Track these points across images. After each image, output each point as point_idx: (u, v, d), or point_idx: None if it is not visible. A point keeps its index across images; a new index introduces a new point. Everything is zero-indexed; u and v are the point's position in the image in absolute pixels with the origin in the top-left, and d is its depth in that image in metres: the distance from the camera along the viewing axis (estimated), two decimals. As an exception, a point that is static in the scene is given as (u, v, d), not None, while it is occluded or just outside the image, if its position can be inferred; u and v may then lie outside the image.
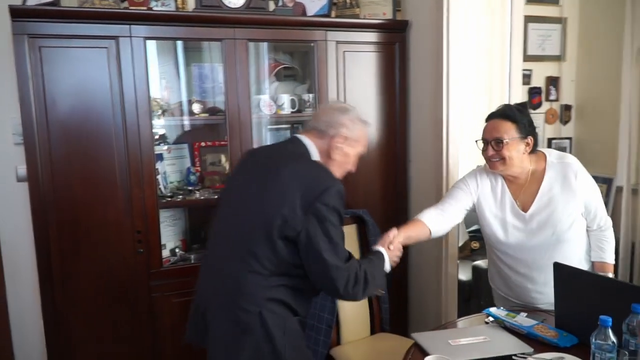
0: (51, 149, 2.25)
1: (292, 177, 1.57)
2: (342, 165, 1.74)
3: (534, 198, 1.97)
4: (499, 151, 1.92)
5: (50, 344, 2.35)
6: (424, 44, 2.67)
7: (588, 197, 1.97)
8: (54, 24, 2.21)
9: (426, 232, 2.02)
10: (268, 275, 1.57)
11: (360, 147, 1.76)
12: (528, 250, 1.99)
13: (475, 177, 2.09)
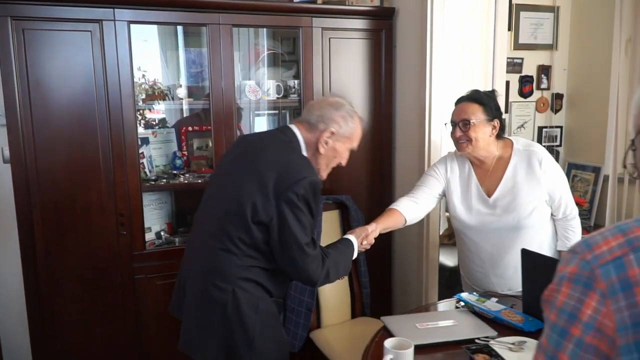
0: (34, 131, 2.28)
1: (269, 165, 1.61)
2: (330, 159, 1.78)
3: (498, 183, 2.01)
4: (466, 132, 1.97)
5: (33, 325, 2.40)
6: (409, 31, 2.67)
7: (552, 185, 1.99)
8: (38, 7, 2.22)
9: (402, 220, 2.11)
10: (242, 256, 1.61)
11: (351, 143, 1.80)
12: (490, 233, 2.04)
13: (445, 162, 2.14)
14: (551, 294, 0.77)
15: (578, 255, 0.75)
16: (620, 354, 0.67)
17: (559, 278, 0.76)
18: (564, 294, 0.74)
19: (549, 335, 0.75)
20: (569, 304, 0.73)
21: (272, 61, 2.97)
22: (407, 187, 2.78)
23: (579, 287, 0.72)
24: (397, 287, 3.00)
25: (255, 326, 1.62)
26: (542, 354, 0.76)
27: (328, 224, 2.60)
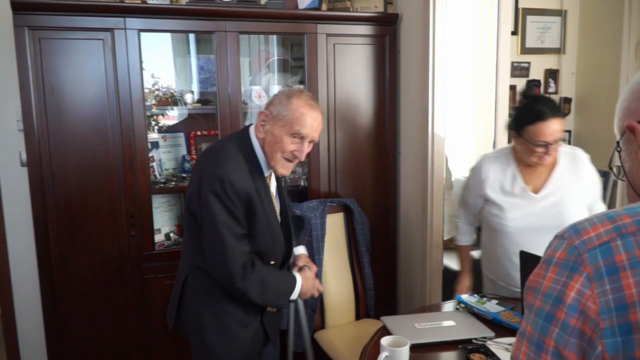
0: (49, 136, 2.37)
1: (206, 161, 1.71)
2: (272, 146, 1.67)
3: (545, 182, 2.02)
4: (555, 149, 1.93)
5: (48, 322, 2.48)
6: (413, 37, 2.71)
7: (594, 189, 2.05)
8: (53, 17, 2.31)
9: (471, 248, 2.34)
10: (194, 244, 1.74)
11: (292, 127, 1.64)
12: (533, 232, 1.98)
13: (480, 171, 2.12)
14: (536, 280, 0.76)
15: (566, 240, 0.75)
16: (604, 336, 0.68)
17: (545, 263, 0.76)
18: (549, 279, 0.74)
19: (534, 321, 0.75)
20: (555, 289, 0.73)
21: (282, 67, 3.03)
22: (412, 191, 2.82)
23: (566, 271, 0.72)
24: (402, 288, 3.03)
25: (201, 313, 1.75)
26: (526, 342, 0.75)
27: (333, 227, 2.65)
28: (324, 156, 2.78)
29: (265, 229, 1.72)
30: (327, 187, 2.80)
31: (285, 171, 1.72)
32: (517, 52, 3.35)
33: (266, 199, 1.72)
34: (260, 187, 1.70)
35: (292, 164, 1.73)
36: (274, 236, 1.77)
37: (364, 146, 2.86)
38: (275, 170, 1.71)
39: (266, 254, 1.76)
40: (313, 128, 1.67)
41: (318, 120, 1.69)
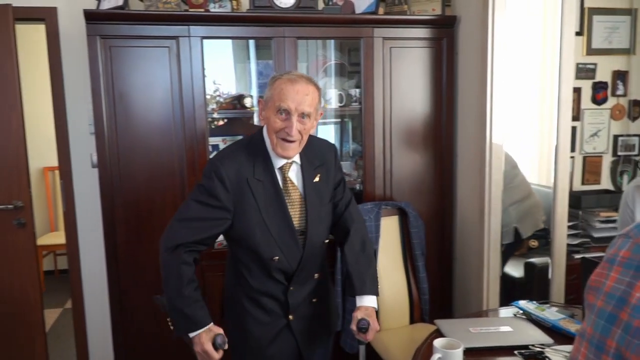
0: (118, 139, 2.51)
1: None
2: (268, 129, 1.66)
3: None
4: None
5: (115, 316, 2.63)
6: (471, 38, 2.68)
7: None
8: (123, 26, 2.45)
9: None
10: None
11: (274, 103, 1.61)
12: None
13: (626, 199, 2.10)
14: (599, 279, 0.73)
15: (631, 239, 0.72)
16: None
17: (608, 262, 0.73)
18: (612, 279, 0.71)
19: (595, 322, 0.72)
20: (618, 289, 0.69)
21: (339, 71, 3.06)
22: (468, 196, 2.78)
23: (631, 271, 0.69)
24: (457, 294, 2.97)
25: (226, 304, 1.85)
26: (586, 343, 0.73)
27: (387, 230, 2.65)
28: (379, 159, 2.78)
29: (257, 218, 1.66)
30: (382, 190, 2.81)
31: (284, 152, 1.65)
32: (582, 53, 3.24)
33: (269, 190, 1.68)
34: (263, 177, 1.67)
35: (291, 145, 1.63)
36: (275, 230, 1.68)
37: (420, 149, 2.84)
38: (277, 153, 1.66)
39: (262, 247, 1.68)
40: (296, 100, 1.60)
41: (301, 93, 1.60)
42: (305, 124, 1.63)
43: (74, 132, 2.89)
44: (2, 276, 2.83)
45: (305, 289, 1.79)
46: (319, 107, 1.70)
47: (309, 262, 1.76)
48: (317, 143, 1.83)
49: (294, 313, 1.77)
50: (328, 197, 1.80)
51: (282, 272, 1.72)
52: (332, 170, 1.82)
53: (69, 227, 2.95)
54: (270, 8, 2.60)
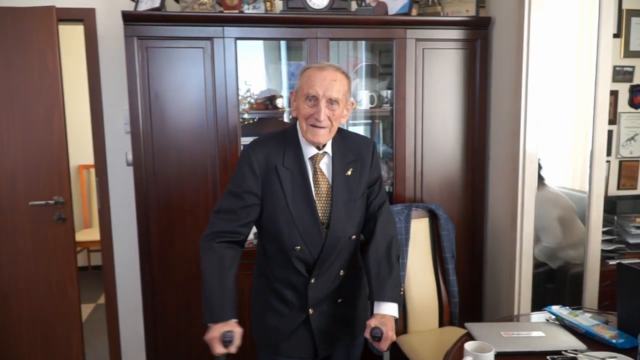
0: (153, 138, 2.56)
1: None
2: (299, 117, 1.69)
3: None
4: None
5: (147, 311, 2.68)
6: (506, 40, 2.65)
7: None
8: (159, 27, 2.51)
9: None
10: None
11: (303, 90, 1.65)
12: None
13: None
14: None
15: None
16: None
17: None
18: None
19: None
20: None
21: (370, 72, 3.07)
22: (501, 198, 2.75)
23: None
24: (488, 297, 2.94)
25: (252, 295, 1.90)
26: None
27: (417, 232, 2.64)
28: (410, 160, 2.77)
29: (282, 206, 1.68)
30: (412, 191, 2.80)
31: (314, 137, 1.66)
32: (620, 55, 3.16)
33: (298, 179, 1.69)
34: (292, 165, 1.69)
35: (320, 130, 1.65)
36: (299, 219, 1.68)
37: (451, 151, 2.82)
38: (307, 139, 1.67)
39: (285, 235, 1.69)
40: (324, 86, 1.62)
41: (329, 79, 1.63)
42: (334, 110, 1.64)
43: (110, 131, 2.96)
44: (42, 270, 2.92)
45: (327, 284, 1.76)
46: (348, 96, 1.70)
47: (331, 256, 1.73)
48: (354, 138, 1.83)
49: (314, 308, 1.75)
50: (359, 193, 1.77)
51: (304, 263, 1.71)
52: (368, 167, 1.80)
53: (103, 224, 3.03)
54: (304, 9, 2.62)
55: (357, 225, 1.79)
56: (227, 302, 1.63)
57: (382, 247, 1.78)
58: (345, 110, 1.70)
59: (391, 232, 1.83)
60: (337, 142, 1.75)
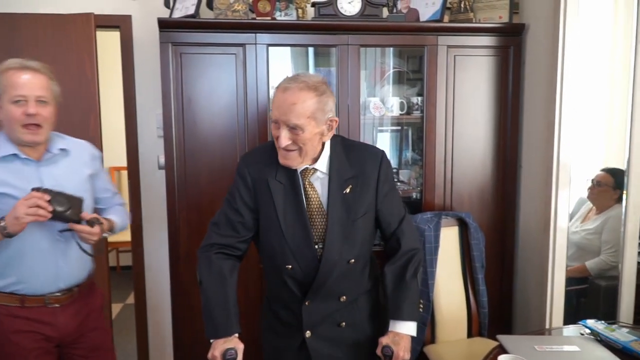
0: (184, 142, 2.60)
1: None
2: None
3: None
4: None
5: (176, 313, 2.71)
6: (540, 47, 2.61)
7: None
8: (193, 34, 2.55)
9: None
10: None
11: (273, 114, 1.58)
12: None
13: None
14: None
15: None
16: None
17: None
18: None
19: None
20: None
21: (397, 79, 3.06)
22: (532, 207, 2.70)
23: None
24: (518, 309, 2.89)
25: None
26: None
27: (447, 241, 2.61)
28: (440, 168, 2.75)
29: (273, 220, 1.62)
30: (441, 199, 2.77)
31: (285, 161, 1.59)
32: (658, 62, 3.08)
33: (290, 194, 1.62)
34: (284, 179, 1.63)
35: (289, 154, 1.57)
36: (290, 236, 1.62)
37: (482, 159, 2.79)
38: (280, 162, 1.61)
39: (277, 252, 1.64)
40: (281, 110, 1.52)
41: (288, 102, 1.51)
42: (298, 134, 1.53)
43: (143, 134, 3.02)
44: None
45: (325, 308, 1.67)
46: (320, 115, 1.54)
47: (327, 280, 1.63)
48: (360, 151, 1.71)
49: (311, 330, 1.67)
50: (360, 212, 1.65)
51: (297, 282, 1.65)
52: (373, 183, 1.67)
53: (134, 226, 3.08)
54: (335, 16, 2.63)
55: (359, 248, 1.67)
56: (228, 315, 1.60)
57: (400, 264, 1.69)
58: (322, 129, 1.57)
59: (413, 246, 1.72)
60: (337, 156, 1.65)
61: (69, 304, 1.86)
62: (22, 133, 1.73)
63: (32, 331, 1.80)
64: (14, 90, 1.71)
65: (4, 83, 1.72)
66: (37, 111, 1.72)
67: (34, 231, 1.74)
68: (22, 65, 1.75)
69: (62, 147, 1.87)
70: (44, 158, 1.82)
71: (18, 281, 1.77)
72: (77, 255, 1.86)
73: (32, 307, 1.79)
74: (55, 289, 1.82)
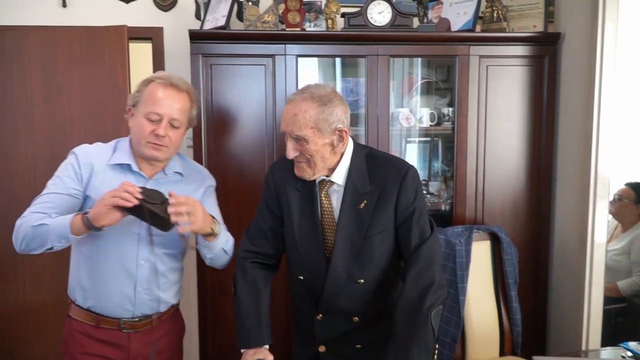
0: (215, 152, 2.61)
1: None
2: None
3: None
4: None
5: (202, 317, 2.71)
6: (576, 57, 2.54)
7: None
8: (223, 45, 2.56)
9: None
10: None
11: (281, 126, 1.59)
12: None
13: None
14: None
15: None
16: None
17: None
18: None
19: None
20: None
21: (425, 89, 3.01)
22: (568, 222, 2.61)
23: None
24: (552, 328, 2.78)
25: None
26: None
27: (478, 256, 2.54)
28: (471, 180, 2.69)
29: (289, 227, 1.64)
30: (472, 212, 2.71)
31: (297, 172, 1.60)
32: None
33: (307, 204, 1.61)
34: (302, 189, 1.62)
35: (299, 165, 1.58)
36: (302, 247, 1.61)
37: (515, 171, 2.72)
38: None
39: (292, 261, 1.69)
40: (285, 121, 1.54)
41: (290, 113, 1.52)
42: (303, 145, 1.52)
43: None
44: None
45: (338, 326, 1.62)
46: (325, 125, 1.50)
47: (336, 298, 1.58)
48: (384, 163, 1.63)
49: (326, 346, 1.63)
50: (376, 229, 1.56)
51: (309, 295, 1.63)
52: (392, 198, 1.56)
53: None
54: (365, 27, 2.61)
55: (371, 268, 1.58)
56: (260, 326, 1.59)
57: (412, 299, 1.48)
58: (331, 140, 1.53)
59: (428, 279, 1.50)
60: (358, 168, 1.59)
61: (146, 331, 1.77)
62: (145, 147, 1.66)
63: (102, 356, 1.73)
64: (152, 106, 1.64)
65: (145, 94, 1.67)
66: (166, 133, 1.65)
67: (118, 251, 1.68)
68: (169, 82, 1.68)
69: (178, 171, 1.80)
70: (155, 177, 1.75)
71: (95, 300, 1.71)
72: (159, 284, 1.76)
73: (107, 329, 1.72)
74: (131, 316, 1.73)
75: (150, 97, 1.65)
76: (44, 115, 2.86)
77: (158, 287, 1.76)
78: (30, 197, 2.90)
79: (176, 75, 1.75)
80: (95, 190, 1.67)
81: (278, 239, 1.69)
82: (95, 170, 1.69)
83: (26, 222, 1.59)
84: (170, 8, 2.98)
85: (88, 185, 1.68)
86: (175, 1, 2.98)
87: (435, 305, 1.47)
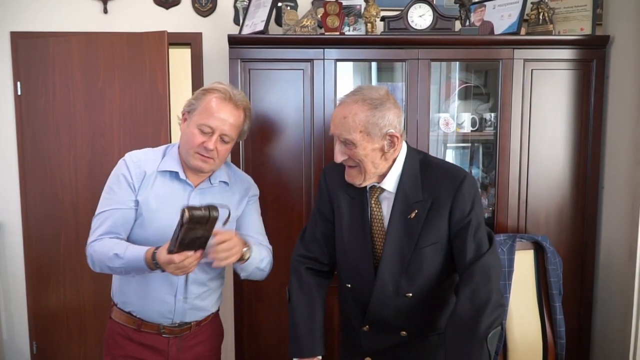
0: (252, 156, 2.60)
1: None
2: None
3: None
4: None
5: (238, 324, 2.71)
6: (626, 61, 2.44)
7: None
8: (261, 50, 2.55)
9: None
10: None
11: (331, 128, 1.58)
12: None
13: None
14: None
15: None
16: None
17: None
18: None
19: None
20: None
21: (464, 94, 2.94)
22: (616, 231, 2.51)
23: None
24: (597, 343, 2.68)
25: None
26: None
27: (521, 265, 2.46)
28: (514, 187, 2.61)
29: (339, 232, 1.61)
30: (515, 220, 2.63)
31: (347, 178, 1.56)
32: None
33: (357, 210, 1.58)
34: (354, 194, 1.59)
35: (350, 170, 1.53)
36: (351, 253, 1.57)
37: (560, 178, 2.62)
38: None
39: (340, 267, 1.65)
40: (335, 123, 1.51)
41: (339, 116, 1.49)
42: (351, 149, 1.47)
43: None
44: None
45: (386, 340, 1.57)
46: (375, 130, 1.44)
47: (382, 310, 1.52)
48: (440, 171, 1.55)
49: (372, 358, 1.59)
50: (427, 241, 1.49)
51: (357, 303, 1.58)
52: (445, 208, 1.48)
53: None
54: (405, 30, 2.57)
55: (422, 281, 1.51)
56: (314, 335, 1.56)
57: (465, 318, 1.40)
58: (382, 145, 1.47)
59: (484, 297, 1.40)
60: (410, 175, 1.52)
61: (185, 336, 1.78)
62: (193, 157, 1.67)
63: (141, 359, 1.76)
64: (206, 119, 1.63)
65: (202, 103, 1.66)
66: (215, 147, 1.64)
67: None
68: (227, 95, 1.66)
69: (224, 180, 1.80)
70: (201, 186, 1.76)
71: (135, 306, 1.74)
72: (200, 293, 1.77)
73: (147, 333, 1.74)
74: (170, 322, 1.75)
75: (206, 108, 1.64)
76: (85, 120, 2.92)
77: (198, 296, 1.77)
78: (72, 201, 2.96)
79: (236, 88, 1.74)
80: (143, 194, 1.69)
81: (331, 245, 1.66)
82: (146, 176, 1.72)
83: (100, 252, 1.63)
84: (210, 13, 3.00)
85: (138, 191, 1.70)
86: (214, 7, 2.99)
87: (493, 327, 1.38)
